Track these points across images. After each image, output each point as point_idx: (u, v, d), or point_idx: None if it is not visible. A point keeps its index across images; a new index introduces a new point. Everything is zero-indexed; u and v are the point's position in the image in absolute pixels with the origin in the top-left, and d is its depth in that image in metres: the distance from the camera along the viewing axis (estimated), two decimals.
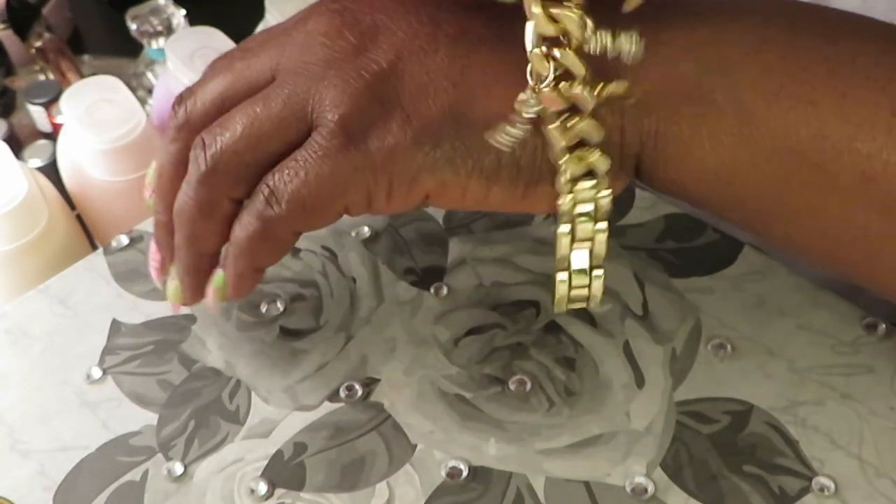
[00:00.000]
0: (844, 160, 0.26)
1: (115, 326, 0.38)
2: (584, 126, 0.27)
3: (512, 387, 0.34)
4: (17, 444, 0.34)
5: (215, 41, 0.51)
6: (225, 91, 0.30)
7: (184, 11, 0.64)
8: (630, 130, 0.28)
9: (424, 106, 0.28)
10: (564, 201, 0.28)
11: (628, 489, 0.31)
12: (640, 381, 0.34)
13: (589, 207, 0.28)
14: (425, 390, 0.35)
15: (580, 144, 0.27)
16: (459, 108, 0.28)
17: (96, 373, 0.36)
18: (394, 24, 0.29)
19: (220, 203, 0.29)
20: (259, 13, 0.54)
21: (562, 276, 0.30)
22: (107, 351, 0.37)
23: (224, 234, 0.30)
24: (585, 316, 0.37)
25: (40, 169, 0.55)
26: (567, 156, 0.27)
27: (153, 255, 0.33)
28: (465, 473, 0.32)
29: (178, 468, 0.32)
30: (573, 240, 0.29)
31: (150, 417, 0.34)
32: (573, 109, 0.27)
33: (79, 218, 0.52)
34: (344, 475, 0.32)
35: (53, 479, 0.32)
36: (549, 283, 0.38)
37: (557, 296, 0.30)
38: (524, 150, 0.28)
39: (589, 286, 0.30)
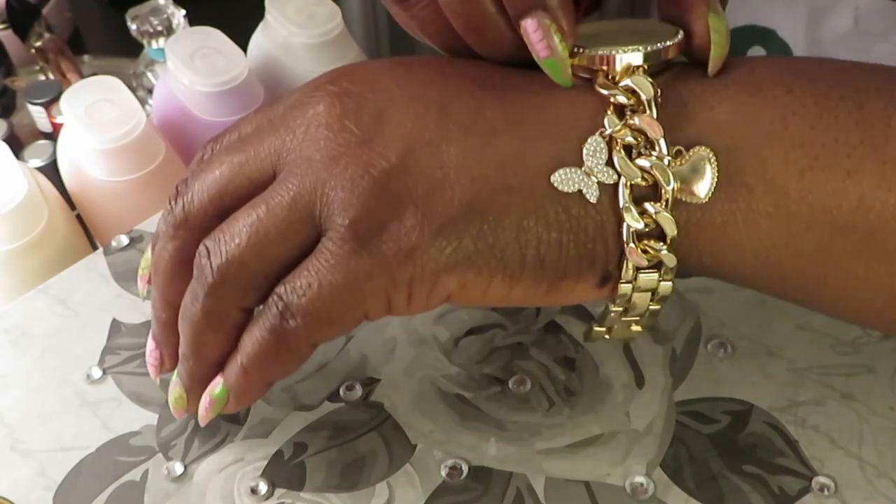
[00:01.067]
0: (890, 227, 0.25)
1: (115, 326, 0.38)
2: (660, 218, 0.26)
3: (512, 387, 0.34)
4: (17, 444, 0.34)
5: (215, 41, 0.51)
6: (223, 188, 0.28)
7: (184, 11, 0.64)
8: None
9: (440, 203, 0.26)
10: (624, 290, 0.27)
11: (628, 489, 0.31)
12: (640, 381, 0.34)
13: (646, 295, 0.28)
14: (425, 390, 0.35)
15: (644, 237, 0.27)
16: (478, 205, 0.26)
17: (96, 373, 0.36)
18: (400, 113, 0.27)
19: (229, 313, 0.28)
20: (259, 13, 0.54)
21: (600, 329, 0.30)
22: (107, 351, 0.37)
23: (232, 343, 0.29)
24: (585, 316, 0.37)
25: (40, 169, 0.55)
26: (631, 245, 0.26)
27: (151, 352, 0.32)
28: (465, 473, 0.32)
29: (178, 468, 0.32)
30: (623, 317, 0.29)
31: (150, 417, 0.34)
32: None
33: (79, 218, 0.52)
34: (344, 475, 0.32)
35: (53, 479, 0.32)
36: None
37: (604, 324, 0.30)
38: (549, 248, 0.27)
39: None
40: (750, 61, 0.28)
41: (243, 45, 0.53)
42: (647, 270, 0.27)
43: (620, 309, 0.28)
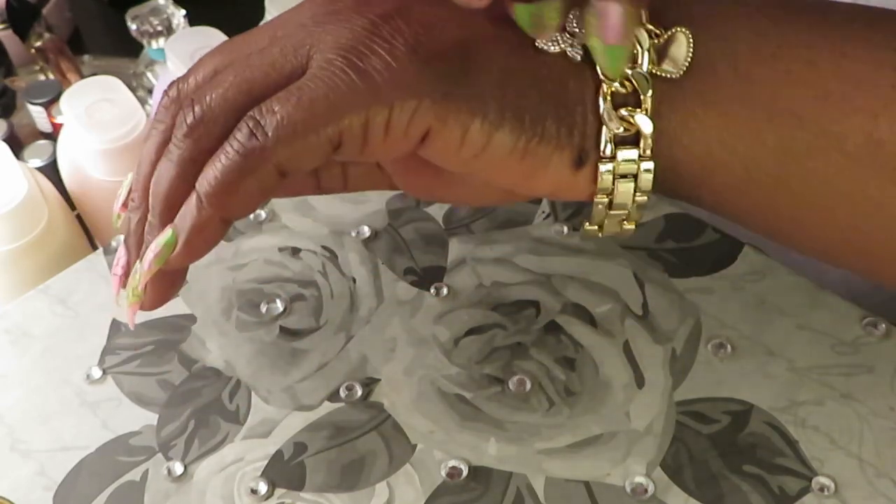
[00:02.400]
0: (849, 122, 0.25)
1: (115, 326, 0.38)
2: (635, 76, 0.26)
3: (512, 387, 0.34)
4: (17, 444, 0.34)
5: (215, 41, 0.51)
6: (219, 64, 0.28)
7: (184, 11, 0.64)
8: None
9: (432, 38, 0.26)
10: (602, 174, 0.27)
11: (628, 489, 0.31)
12: (640, 381, 0.34)
13: (629, 183, 0.27)
14: (425, 390, 0.35)
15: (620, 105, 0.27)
16: (469, 48, 0.26)
17: (96, 373, 0.36)
18: None
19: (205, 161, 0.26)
20: (259, 13, 0.54)
21: (592, 228, 0.29)
22: (107, 351, 0.37)
23: None
24: (585, 316, 0.37)
25: (40, 169, 0.55)
26: (607, 111, 0.27)
27: (117, 262, 0.30)
28: (465, 473, 0.32)
29: (178, 468, 0.32)
30: (609, 208, 0.28)
31: (150, 417, 0.34)
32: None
33: (79, 218, 0.52)
34: (344, 475, 0.32)
35: (53, 479, 0.32)
36: (549, 282, 0.38)
37: (587, 229, 0.30)
38: (529, 101, 0.27)
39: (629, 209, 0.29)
40: None
41: None
42: (625, 147, 0.27)
43: (606, 200, 0.28)
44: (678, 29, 0.27)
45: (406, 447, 0.33)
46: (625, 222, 0.29)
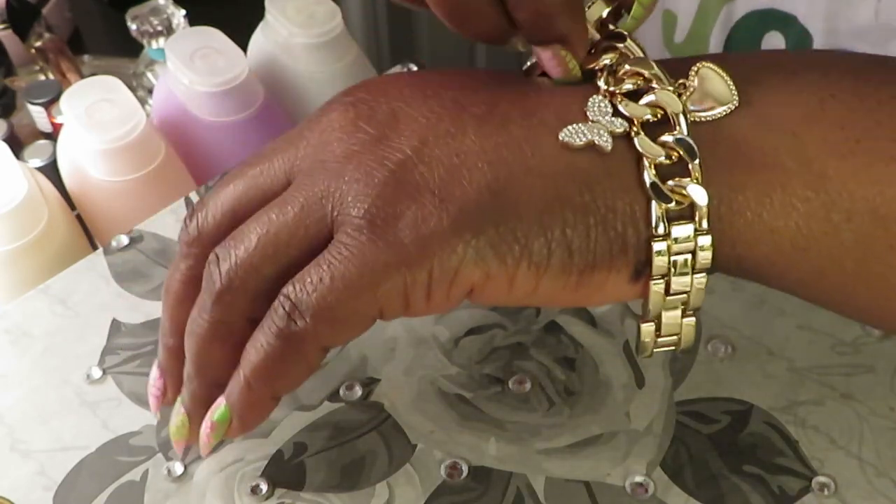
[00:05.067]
0: None
1: (115, 326, 0.38)
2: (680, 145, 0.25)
3: (512, 387, 0.34)
4: (17, 444, 0.34)
5: (215, 41, 0.51)
6: (237, 201, 0.27)
7: (184, 11, 0.64)
8: None
9: (458, 188, 0.25)
10: (660, 250, 0.25)
11: (628, 489, 0.31)
12: (640, 381, 0.34)
13: (685, 257, 0.25)
14: (425, 390, 0.35)
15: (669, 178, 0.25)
16: (497, 188, 0.25)
17: (96, 373, 0.36)
18: (414, 111, 0.26)
19: (237, 324, 0.27)
20: (259, 13, 0.54)
21: (647, 325, 0.27)
22: (107, 351, 0.37)
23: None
24: (585, 316, 0.37)
25: (40, 169, 0.55)
26: (656, 183, 0.25)
27: (154, 382, 0.31)
28: (465, 473, 0.32)
29: (178, 468, 0.32)
30: (667, 294, 0.26)
31: (150, 417, 0.34)
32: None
33: (79, 218, 0.52)
34: (344, 475, 0.32)
35: (53, 479, 0.32)
36: None
37: (642, 342, 0.28)
38: (575, 232, 0.25)
39: (679, 333, 0.27)
40: (779, 52, 0.27)
41: (243, 45, 0.53)
42: (678, 223, 0.25)
43: (662, 284, 0.26)
44: (699, 66, 0.25)
45: (406, 447, 0.33)
46: (684, 316, 0.27)
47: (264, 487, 0.32)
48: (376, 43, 0.95)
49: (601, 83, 0.26)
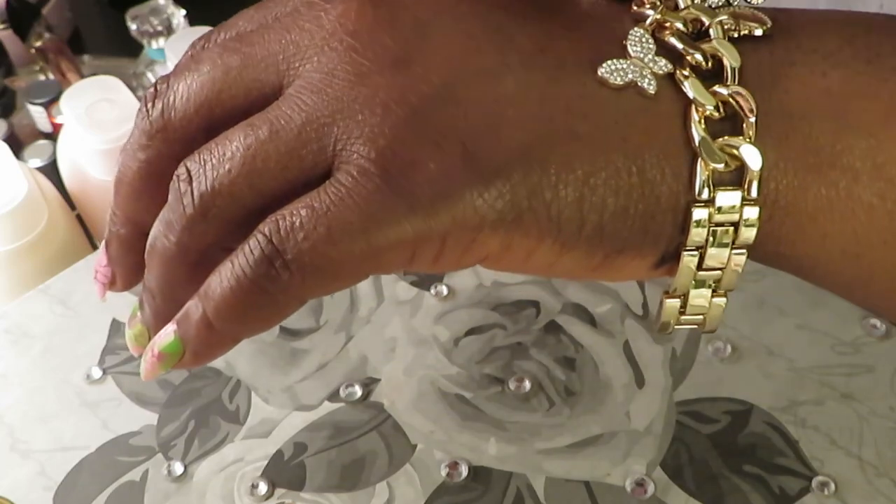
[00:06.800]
0: None
1: (115, 326, 0.38)
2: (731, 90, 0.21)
3: (512, 387, 0.34)
4: (17, 444, 0.34)
5: None
6: (215, 95, 0.23)
7: (184, 11, 0.64)
8: None
9: (493, 143, 0.21)
10: (699, 220, 0.21)
11: (628, 489, 0.31)
12: (640, 381, 0.34)
13: (727, 228, 0.22)
14: (425, 390, 0.35)
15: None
16: (538, 151, 0.21)
17: (96, 373, 0.36)
18: (448, 29, 0.22)
19: (209, 252, 0.23)
20: None
21: (672, 301, 0.24)
22: (107, 351, 0.37)
23: None
24: (585, 316, 0.37)
25: (40, 169, 0.55)
26: (704, 140, 0.21)
27: (101, 269, 0.27)
28: (465, 473, 0.32)
29: (178, 468, 0.32)
30: (699, 268, 0.23)
31: (150, 417, 0.34)
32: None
33: (79, 218, 0.52)
34: (344, 475, 0.32)
35: (53, 479, 0.32)
36: (549, 282, 0.38)
37: (664, 321, 0.25)
38: (613, 214, 0.21)
39: (706, 313, 0.24)
40: (856, 15, 0.23)
41: None
42: (724, 189, 0.21)
43: (696, 257, 0.22)
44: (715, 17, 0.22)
45: (406, 447, 0.33)
46: (714, 295, 0.24)
47: (264, 487, 0.32)
48: None
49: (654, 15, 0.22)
